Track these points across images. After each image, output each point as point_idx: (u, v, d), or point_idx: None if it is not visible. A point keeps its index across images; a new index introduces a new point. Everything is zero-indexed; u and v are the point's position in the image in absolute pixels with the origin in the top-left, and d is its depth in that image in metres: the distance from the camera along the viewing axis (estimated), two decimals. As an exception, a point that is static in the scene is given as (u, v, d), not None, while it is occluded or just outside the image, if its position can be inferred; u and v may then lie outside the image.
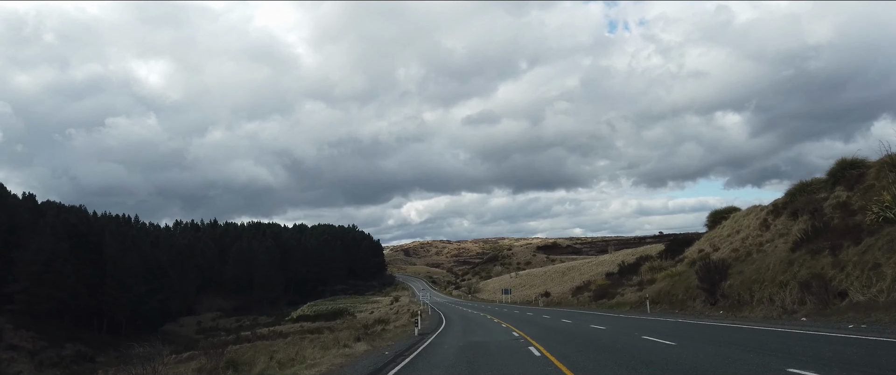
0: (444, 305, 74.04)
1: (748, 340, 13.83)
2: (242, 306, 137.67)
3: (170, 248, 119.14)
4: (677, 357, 11.44)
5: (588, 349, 14.59)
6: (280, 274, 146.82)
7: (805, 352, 10.76)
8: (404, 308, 75.00)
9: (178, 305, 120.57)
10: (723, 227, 37.01)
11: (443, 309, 61.84)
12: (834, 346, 11.32)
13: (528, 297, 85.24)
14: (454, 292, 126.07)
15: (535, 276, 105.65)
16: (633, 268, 43.46)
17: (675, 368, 10.17)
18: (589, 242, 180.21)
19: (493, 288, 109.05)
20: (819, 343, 12.09)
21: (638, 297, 32.29)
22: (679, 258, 36.58)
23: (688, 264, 32.24)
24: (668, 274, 32.70)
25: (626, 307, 32.97)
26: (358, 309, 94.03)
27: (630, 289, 33.83)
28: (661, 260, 39.07)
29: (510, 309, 52.20)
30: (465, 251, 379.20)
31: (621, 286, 35.10)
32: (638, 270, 40.77)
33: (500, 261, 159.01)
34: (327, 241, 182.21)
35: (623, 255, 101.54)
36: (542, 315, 36.41)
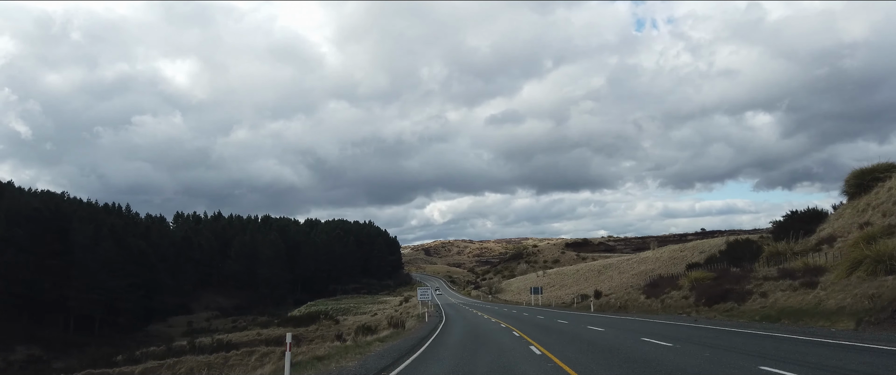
0: (456, 308, 61.36)
1: None
2: (244, 304, 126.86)
3: (162, 240, 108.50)
4: None
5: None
6: (286, 270, 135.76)
7: None
8: (413, 309, 62.79)
9: (170, 302, 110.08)
10: (880, 192, 23.66)
11: (453, 313, 49.21)
12: None
13: (563, 298, 71.92)
14: (473, 292, 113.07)
15: (567, 275, 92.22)
16: (752, 254, 29.16)
17: None
18: (622, 240, 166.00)
19: (518, 288, 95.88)
20: None
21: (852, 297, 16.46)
22: (823, 237, 23.43)
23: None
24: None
25: (816, 318, 16.50)
26: (362, 310, 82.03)
27: (777, 286, 19.87)
28: (790, 243, 25.54)
29: (549, 318, 32.65)
30: (488, 251, 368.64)
31: (746, 281, 21.62)
32: (758, 257, 27.01)
33: (525, 259, 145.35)
34: (340, 237, 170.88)
35: (670, 251, 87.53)
36: (637, 335, 17.52)
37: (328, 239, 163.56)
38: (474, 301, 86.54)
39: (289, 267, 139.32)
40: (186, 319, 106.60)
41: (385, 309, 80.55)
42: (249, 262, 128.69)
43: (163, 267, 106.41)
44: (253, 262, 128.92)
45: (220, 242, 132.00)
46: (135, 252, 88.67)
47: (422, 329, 28.09)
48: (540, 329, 22.70)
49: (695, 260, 56.79)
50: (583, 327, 22.62)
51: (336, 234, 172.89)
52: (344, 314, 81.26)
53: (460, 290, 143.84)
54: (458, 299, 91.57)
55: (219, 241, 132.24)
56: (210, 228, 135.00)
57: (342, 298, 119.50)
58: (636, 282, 77.17)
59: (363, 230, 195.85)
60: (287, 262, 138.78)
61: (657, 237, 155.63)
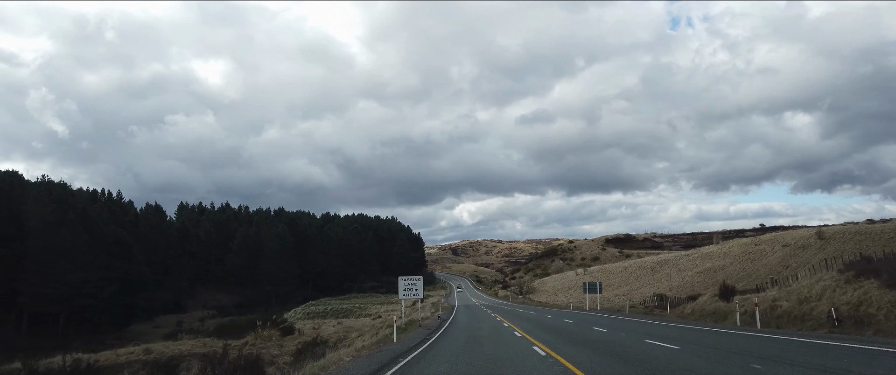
0: (474, 312, 47.24)
1: None
2: (247, 302, 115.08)
3: (152, 231, 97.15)
4: None
5: None
6: (294, 265, 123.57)
7: None
8: (423, 310, 49.48)
9: (161, 299, 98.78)
10: None
11: (464, 320, 35.46)
12: None
13: (611, 299, 57.35)
14: (500, 292, 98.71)
15: (612, 273, 77.37)
16: None
17: None
18: (670, 237, 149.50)
19: (554, 288, 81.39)
20: None
21: None
22: None
23: None
24: None
25: None
26: (367, 311, 69.12)
27: None
28: None
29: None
30: (517, 251, 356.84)
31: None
32: None
33: (560, 256, 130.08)
34: (357, 232, 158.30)
35: (739, 246, 71.93)
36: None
37: (344, 234, 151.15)
38: (501, 302, 72.45)
39: (298, 263, 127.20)
40: (177, 319, 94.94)
41: (392, 310, 67.29)
42: (253, 256, 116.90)
43: (154, 259, 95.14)
44: (257, 256, 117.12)
45: (222, 234, 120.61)
46: (110, 241, 77.04)
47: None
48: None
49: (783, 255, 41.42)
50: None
51: (353, 229, 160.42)
52: (345, 315, 68.40)
53: (486, 290, 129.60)
54: (481, 300, 77.49)
55: (221, 233, 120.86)
56: (212, 219, 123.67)
57: (351, 297, 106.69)
58: (705, 281, 62.07)
59: (383, 225, 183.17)
60: (296, 257, 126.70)
61: (709, 233, 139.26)
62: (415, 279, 29.98)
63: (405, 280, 29.97)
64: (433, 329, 26.54)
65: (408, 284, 29.59)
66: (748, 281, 57.62)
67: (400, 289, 30.13)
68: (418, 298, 29.65)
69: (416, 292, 29.87)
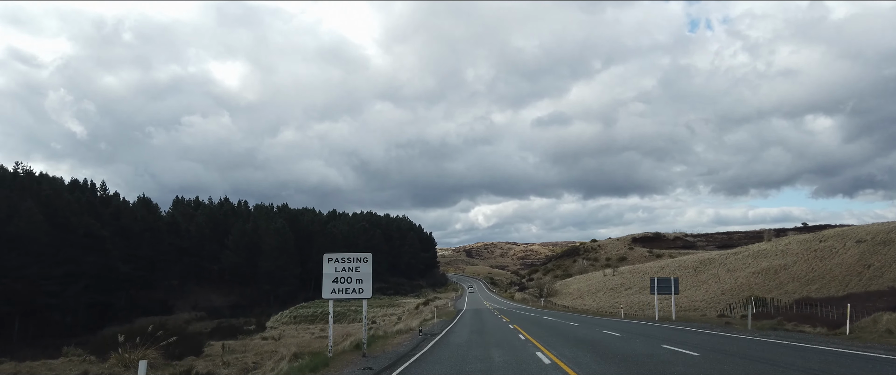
0: (485, 320, 37.61)
1: None
2: (244, 303, 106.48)
3: (135, 224, 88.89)
4: None
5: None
6: (295, 264, 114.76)
7: None
8: (418, 319, 40.20)
9: (146, 299, 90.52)
10: None
11: (467, 334, 25.42)
12: None
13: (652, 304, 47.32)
14: (517, 295, 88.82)
15: (647, 274, 67.16)
16: None
17: None
18: (702, 236, 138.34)
19: (579, 290, 71.38)
20: None
21: None
22: None
23: None
24: None
25: None
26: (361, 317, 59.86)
27: None
28: None
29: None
30: (533, 253, 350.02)
31: None
32: None
33: (583, 255, 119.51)
34: (364, 230, 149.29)
35: (799, 242, 61.44)
36: None
37: (350, 231, 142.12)
38: (518, 306, 62.57)
39: (299, 261, 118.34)
40: (161, 320, 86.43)
41: (392, 313, 58.17)
42: (251, 254, 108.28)
43: (137, 255, 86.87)
44: (255, 254, 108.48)
45: (218, 230, 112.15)
46: (80, 233, 68.67)
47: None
48: None
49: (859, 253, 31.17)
50: None
51: (360, 226, 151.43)
52: (336, 319, 58.97)
53: (500, 292, 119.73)
54: (495, 303, 67.70)
55: (217, 229, 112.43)
56: (208, 214, 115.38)
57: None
58: (765, 283, 51.79)
59: (393, 223, 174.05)
60: (297, 255, 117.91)
61: (746, 231, 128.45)
62: (355, 260, 16.61)
63: (336, 260, 16.78)
64: (402, 356, 16.82)
65: (340, 270, 16.51)
66: (822, 284, 47.34)
67: (325, 283, 16.69)
68: (364, 298, 17.26)
69: (359, 289, 16.54)
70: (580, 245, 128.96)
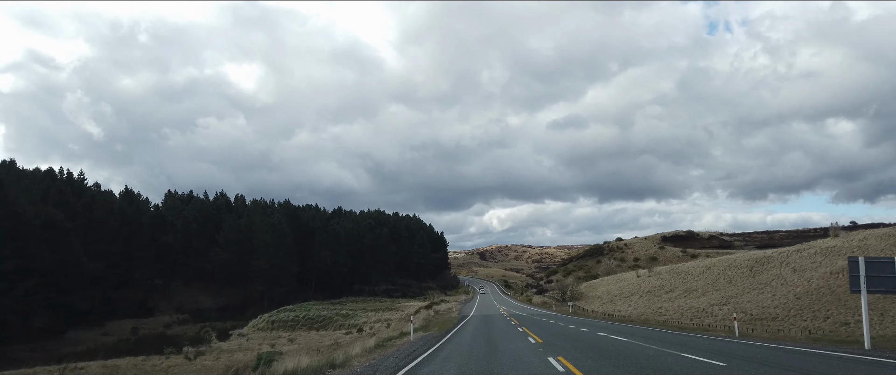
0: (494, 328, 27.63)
1: None
2: (234, 305, 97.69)
3: (110, 216, 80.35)
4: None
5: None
6: (293, 262, 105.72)
7: None
8: (421, 322, 30.27)
9: (122, 299, 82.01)
10: None
11: (465, 357, 15.32)
12: None
13: (711, 312, 37.22)
14: (535, 298, 78.70)
15: (690, 275, 56.92)
16: None
17: None
18: (740, 235, 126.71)
19: (609, 293, 61.24)
20: None
21: None
22: None
23: None
24: None
25: None
26: (352, 321, 50.48)
27: None
28: None
29: None
30: (549, 256, 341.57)
31: None
32: None
33: (608, 255, 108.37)
34: (370, 227, 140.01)
35: (877, 237, 50.94)
36: None
37: (354, 229, 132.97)
38: (539, 311, 52.35)
39: (298, 260, 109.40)
40: (136, 324, 77.77)
41: (387, 319, 48.61)
42: (243, 251, 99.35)
43: (111, 251, 78.37)
44: (248, 251, 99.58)
45: (209, 226, 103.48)
46: (35, 224, 60.03)
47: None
48: None
49: None
50: None
51: (366, 224, 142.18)
52: (320, 325, 49.93)
53: (516, 295, 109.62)
54: (511, 308, 57.66)
55: (208, 224, 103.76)
56: (199, 208, 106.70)
57: (348, 301, 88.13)
58: (845, 284, 41.26)
59: (401, 222, 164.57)
60: (296, 253, 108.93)
61: (787, 231, 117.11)
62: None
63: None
64: None
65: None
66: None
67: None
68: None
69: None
70: (604, 244, 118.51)
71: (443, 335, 25.00)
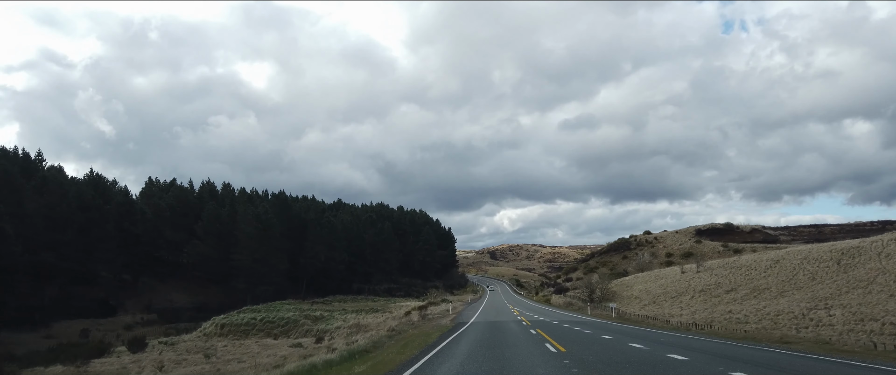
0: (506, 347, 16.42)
1: None
2: (212, 304, 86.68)
3: (62, 202, 69.92)
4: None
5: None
6: (281, 258, 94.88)
7: None
8: (407, 330, 18.99)
9: (83, 297, 71.59)
10: None
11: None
12: None
13: (832, 319, 25.71)
14: (555, 298, 67.15)
15: (753, 270, 45.25)
16: None
17: None
18: (784, 229, 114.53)
19: (650, 292, 49.72)
20: None
21: None
22: None
23: None
24: None
25: None
26: (322, 325, 39.55)
27: None
28: None
29: None
30: (562, 256, 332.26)
31: None
32: None
33: (636, 249, 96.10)
34: (371, 222, 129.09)
35: None
36: None
37: (354, 223, 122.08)
38: (574, 317, 40.41)
39: (289, 256, 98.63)
40: (91, 325, 67.17)
41: (366, 325, 37.61)
42: (225, 244, 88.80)
43: (61, 241, 67.98)
44: (230, 244, 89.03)
45: (188, 216, 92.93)
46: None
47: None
48: None
49: None
50: None
51: (367, 218, 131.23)
52: (280, 331, 38.92)
53: (529, 295, 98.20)
54: (527, 310, 45.79)
55: (187, 215, 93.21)
56: (177, 196, 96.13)
57: (335, 300, 77.25)
58: None
59: (406, 217, 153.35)
60: (287, 249, 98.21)
61: (840, 225, 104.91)
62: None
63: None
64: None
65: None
66: None
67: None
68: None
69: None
70: (631, 238, 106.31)
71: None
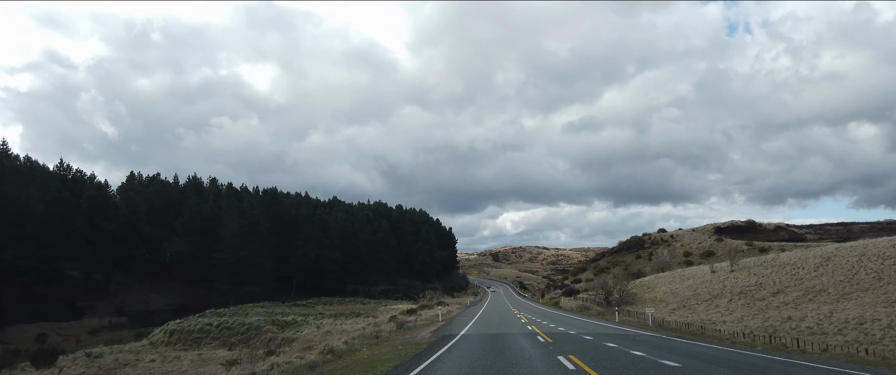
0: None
1: None
2: (192, 306, 79.93)
3: (21, 193, 63.57)
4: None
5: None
6: (268, 257, 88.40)
7: None
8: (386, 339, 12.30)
9: (39, 298, 65.28)
10: None
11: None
12: None
13: None
14: (564, 300, 60.60)
15: (802, 270, 38.57)
16: None
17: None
18: (808, 227, 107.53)
19: (677, 296, 43.20)
20: None
21: None
22: None
23: None
24: None
25: None
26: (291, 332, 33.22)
27: None
28: None
29: None
30: (565, 258, 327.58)
31: None
32: None
33: (650, 248, 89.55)
34: (367, 219, 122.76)
35: None
36: None
37: (349, 221, 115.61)
38: (598, 324, 33.58)
39: (278, 254, 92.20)
40: (51, 329, 60.70)
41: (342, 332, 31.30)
42: (207, 241, 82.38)
43: (24, 237, 61.71)
44: (213, 242, 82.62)
45: (169, 212, 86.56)
46: None
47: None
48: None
49: None
50: None
51: (363, 216, 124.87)
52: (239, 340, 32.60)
53: (535, 298, 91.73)
54: (543, 318, 38.90)
55: (168, 210, 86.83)
56: (158, 190, 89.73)
57: (319, 302, 70.93)
58: None
59: (404, 215, 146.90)
60: (275, 247, 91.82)
61: (870, 223, 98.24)
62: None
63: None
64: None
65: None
66: None
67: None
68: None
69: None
70: (645, 236, 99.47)
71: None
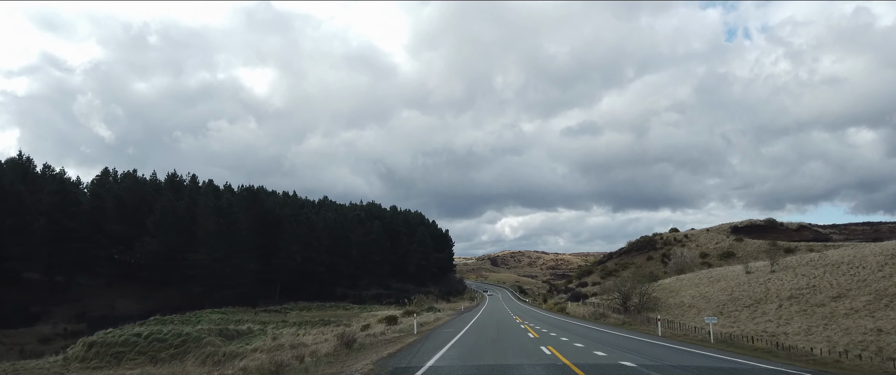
0: None
1: None
2: (164, 310, 73.73)
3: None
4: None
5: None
6: (249, 257, 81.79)
7: None
8: None
9: None
10: None
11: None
12: None
13: None
14: (571, 306, 54.28)
15: (862, 269, 32.36)
16: None
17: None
18: (832, 227, 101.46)
19: (709, 300, 37.07)
20: None
21: None
22: None
23: None
24: None
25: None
26: (236, 346, 26.98)
27: None
28: None
29: None
30: (565, 263, 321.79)
31: None
32: None
33: (662, 249, 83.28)
34: (358, 220, 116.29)
35: None
36: None
37: (339, 221, 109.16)
38: (635, 339, 27.41)
39: (260, 255, 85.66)
40: None
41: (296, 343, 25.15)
42: (181, 241, 75.86)
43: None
44: (188, 242, 76.10)
45: (141, 210, 79.98)
46: None
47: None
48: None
49: None
50: None
51: (354, 216, 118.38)
52: (174, 355, 26.10)
53: (537, 303, 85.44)
54: (555, 329, 32.08)
55: (140, 209, 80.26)
56: (128, 187, 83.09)
57: (294, 308, 64.63)
58: None
59: (398, 217, 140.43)
60: (258, 248, 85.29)
61: (893, 222, 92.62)
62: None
63: None
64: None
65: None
66: None
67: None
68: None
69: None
70: (656, 236, 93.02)
71: None
